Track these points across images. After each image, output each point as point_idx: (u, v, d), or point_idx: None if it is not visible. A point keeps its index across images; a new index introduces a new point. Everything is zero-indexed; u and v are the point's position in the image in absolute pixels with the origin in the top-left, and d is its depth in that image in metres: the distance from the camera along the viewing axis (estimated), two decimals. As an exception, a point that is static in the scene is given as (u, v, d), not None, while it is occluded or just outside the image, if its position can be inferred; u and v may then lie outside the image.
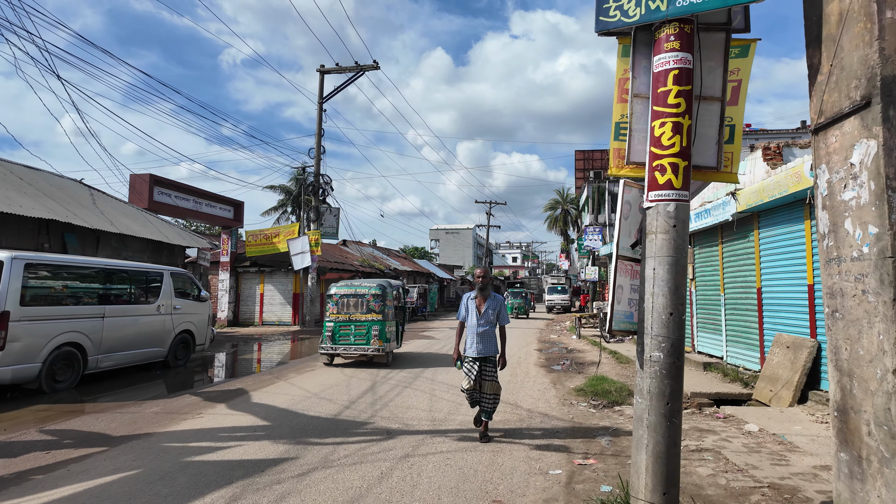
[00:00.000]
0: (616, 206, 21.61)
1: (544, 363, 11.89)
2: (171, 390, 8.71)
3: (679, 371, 3.39)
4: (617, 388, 8.23)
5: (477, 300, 5.74)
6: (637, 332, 3.57)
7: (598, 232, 29.94)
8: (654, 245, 3.44)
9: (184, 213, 20.29)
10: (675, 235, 3.39)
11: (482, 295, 5.74)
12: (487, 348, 5.61)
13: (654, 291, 3.39)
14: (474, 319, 5.66)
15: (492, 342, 5.65)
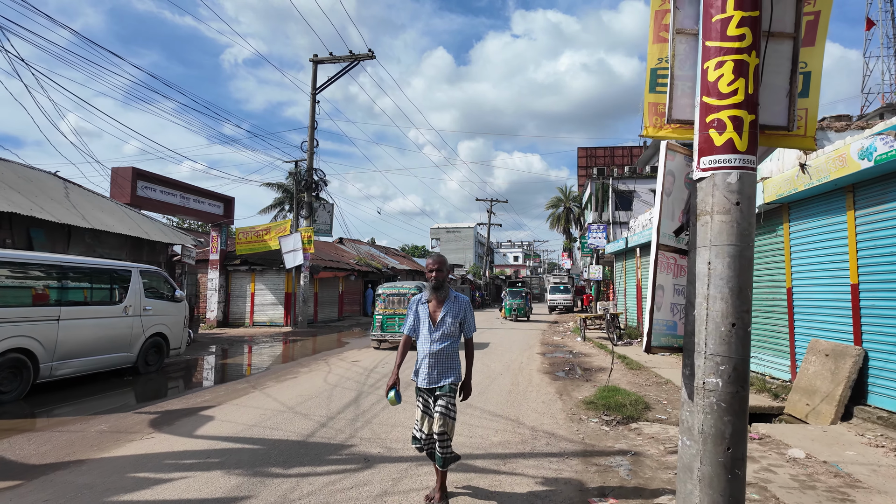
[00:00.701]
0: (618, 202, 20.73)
1: (548, 369, 10.96)
2: (136, 400, 7.80)
3: (743, 404, 2.46)
4: (632, 401, 7.29)
5: (430, 304, 3.97)
6: (683, 348, 2.64)
7: (603, 230, 28.99)
8: (708, 230, 2.50)
9: (170, 208, 19.36)
10: (739, 216, 2.46)
11: (437, 296, 3.95)
12: (446, 373, 3.85)
13: (710, 294, 2.46)
14: (426, 331, 3.90)
15: (452, 364, 3.89)
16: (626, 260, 17.70)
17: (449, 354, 3.89)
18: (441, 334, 3.87)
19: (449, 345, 3.89)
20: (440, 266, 3.94)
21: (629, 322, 17.03)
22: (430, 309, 3.96)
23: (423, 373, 3.90)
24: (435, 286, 3.93)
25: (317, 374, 9.98)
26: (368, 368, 10.56)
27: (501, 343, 15.76)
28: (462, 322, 3.97)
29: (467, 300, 4.11)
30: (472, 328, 4.10)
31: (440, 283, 3.93)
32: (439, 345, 3.86)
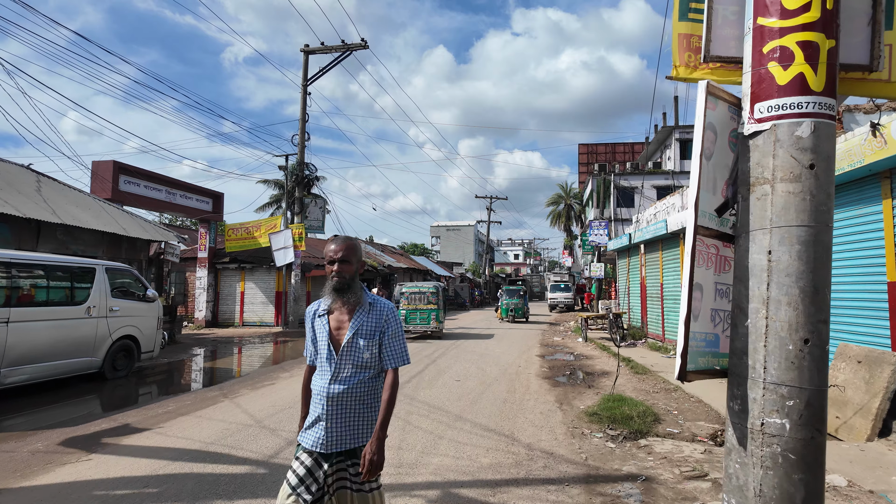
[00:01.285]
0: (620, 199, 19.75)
1: (548, 373, 10.22)
2: (94, 410, 7.07)
3: (820, 455, 1.71)
4: (640, 413, 6.54)
5: (332, 316, 2.49)
6: (729, 372, 1.90)
7: (604, 227, 28.22)
8: (768, 206, 1.76)
9: (155, 204, 18.64)
10: (814, 185, 1.72)
11: (343, 303, 2.46)
12: (347, 430, 2.37)
13: (771, 296, 1.72)
14: (325, 360, 2.45)
15: (361, 414, 2.41)
16: (629, 257, 16.96)
17: (361, 399, 2.38)
18: (348, 365, 2.38)
19: (360, 383, 2.38)
20: (347, 255, 2.40)
21: (633, 322, 16.29)
22: (332, 325, 2.45)
23: (314, 430, 2.38)
24: (338, 286, 2.40)
25: (298, 379, 9.24)
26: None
27: (499, 344, 15.01)
28: (381, 344, 2.44)
29: (392, 308, 2.55)
30: (399, 355, 2.48)
31: (346, 281, 2.41)
32: (343, 385, 2.35)
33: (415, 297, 16.35)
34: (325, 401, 2.37)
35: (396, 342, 2.48)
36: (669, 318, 13.04)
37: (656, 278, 14.00)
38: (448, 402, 7.44)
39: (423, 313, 16.12)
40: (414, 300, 16.31)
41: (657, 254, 13.89)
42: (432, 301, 16.25)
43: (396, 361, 2.47)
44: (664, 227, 12.33)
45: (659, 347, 13.25)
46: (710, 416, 6.93)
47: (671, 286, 12.92)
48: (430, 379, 9.28)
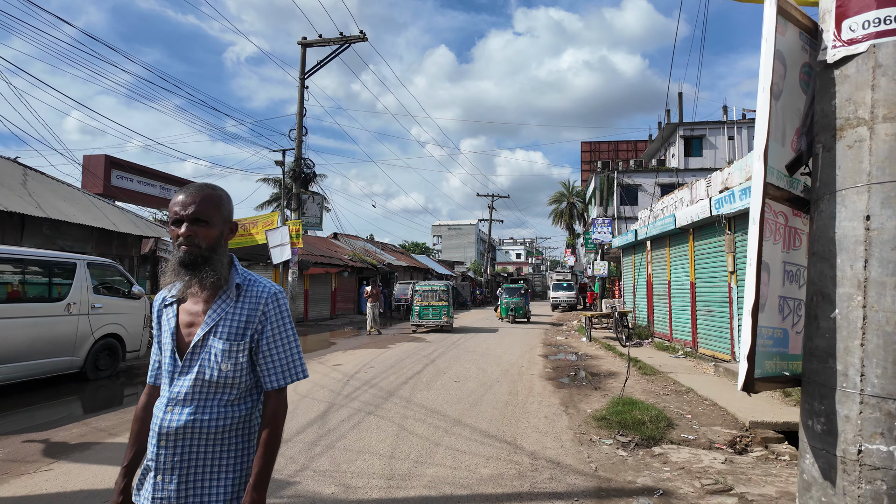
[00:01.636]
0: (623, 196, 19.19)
1: (551, 374, 9.76)
2: (71, 413, 6.64)
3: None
4: (652, 417, 6.09)
5: (185, 305, 1.64)
6: (803, 380, 1.44)
7: (608, 224, 27.77)
8: (864, 155, 1.32)
9: (149, 200, 18.25)
10: (931, 126, 1.25)
11: (200, 282, 1.56)
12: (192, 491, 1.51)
13: (871, 277, 1.32)
14: (167, 371, 1.59)
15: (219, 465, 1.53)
16: (634, 254, 16.49)
17: (218, 439, 1.54)
18: (196, 382, 1.54)
19: (216, 412, 1.54)
20: (203, 211, 1.56)
21: (639, 321, 15.82)
22: (181, 319, 1.63)
23: (149, 480, 1.55)
24: (186, 259, 1.55)
25: (289, 380, 8.80)
26: (349, 374, 9.39)
27: (500, 343, 14.56)
28: (257, 348, 1.61)
29: (276, 294, 1.66)
30: (288, 366, 1.65)
31: (199, 252, 1.55)
32: (186, 414, 1.52)
33: (428, 295, 17.84)
34: (158, 439, 1.51)
35: (283, 347, 1.62)
36: (678, 317, 12.57)
37: (664, 276, 13.54)
38: (446, 404, 6.99)
39: (435, 309, 17.68)
40: (427, 297, 17.80)
41: (664, 250, 13.43)
42: (443, 298, 17.76)
43: (283, 377, 1.60)
44: (672, 222, 11.86)
45: (667, 347, 12.78)
46: (726, 420, 6.48)
47: (679, 284, 12.45)
48: (429, 380, 8.84)
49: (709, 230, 10.63)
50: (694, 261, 11.49)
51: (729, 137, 38.83)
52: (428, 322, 17.66)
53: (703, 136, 39.42)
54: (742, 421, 6.40)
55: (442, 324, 17.64)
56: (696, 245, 11.39)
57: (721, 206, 9.40)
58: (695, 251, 11.47)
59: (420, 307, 17.76)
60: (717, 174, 10.77)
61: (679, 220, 11.55)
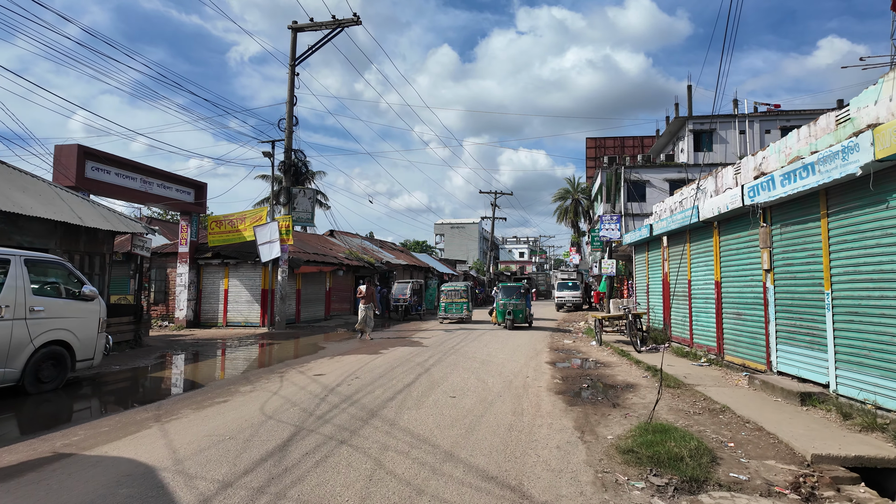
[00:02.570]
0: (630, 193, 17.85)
1: (561, 386, 8.56)
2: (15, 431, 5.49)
3: None
4: (691, 451, 4.88)
5: None
6: None
7: (616, 221, 26.51)
8: None
9: (128, 194, 17.08)
10: None
11: None
12: None
13: None
14: None
15: None
16: (648, 251, 15.26)
17: None
18: None
19: None
20: None
21: (653, 323, 14.61)
22: None
23: None
24: None
25: (258, 395, 7.63)
26: (329, 387, 8.21)
27: (503, 348, 13.36)
28: None
29: None
30: None
31: None
32: None
33: (451, 294, 22.18)
34: None
35: None
36: (699, 320, 11.35)
37: (682, 274, 12.32)
38: (437, 429, 5.81)
39: (457, 304, 21.81)
40: (451, 296, 22.10)
41: (683, 246, 12.21)
42: (464, 296, 22.05)
43: None
44: (694, 214, 10.64)
45: (686, 353, 11.57)
46: (779, 451, 5.27)
47: (701, 283, 11.23)
48: (420, 394, 7.65)
49: (739, 223, 9.41)
50: (719, 257, 10.27)
51: (740, 131, 37.53)
52: (452, 315, 21.75)
53: (713, 131, 38.12)
54: (800, 453, 5.20)
55: (462, 316, 21.79)
56: (723, 240, 10.17)
57: (756, 195, 8.18)
58: (720, 247, 10.25)
59: (446, 303, 21.94)
60: (747, 160, 9.55)
61: (702, 213, 10.32)
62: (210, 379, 9.40)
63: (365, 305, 15.56)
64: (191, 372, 10.22)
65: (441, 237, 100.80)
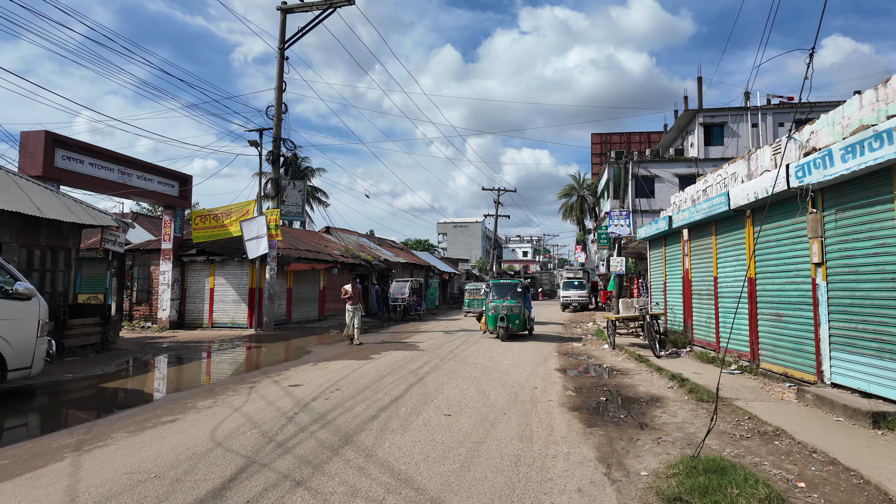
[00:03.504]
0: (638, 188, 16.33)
1: (575, 400, 7.32)
2: None
3: None
4: (761, 501, 3.64)
5: None
6: None
7: (626, 216, 25.20)
8: None
9: (104, 185, 15.90)
10: None
11: None
12: None
13: None
14: None
15: None
16: (665, 246, 13.99)
17: None
18: None
19: None
20: None
21: (671, 325, 13.35)
22: None
23: None
24: None
25: (215, 413, 6.42)
26: (302, 401, 6.99)
27: (507, 353, 12.12)
28: None
29: None
30: None
31: None
32: None
33: (473, 292, 24.59)
34: None
35: None
36: (728, 322, 10.10)
37: (707, 270, 11.06)
38: (425, 463, 4.58)
39: (478, 301, 23.56)
40: (473, 294, 24.56)
41: (708, 239, 10.95)
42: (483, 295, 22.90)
43: None
44: (723, 202, 9.38)
45: (713, 359, 10.31)
46: (871, 497, 4.02)
47: (730, 280, 9.98)
48: (409, 412, 6.43)
49: (780, 210, 8.15)
50: (753, 250, 9.01)
51: (753, 125, 36.15)
52: (475, 309, 23.53)
53: (724, 124, 36.78)
54: (877, 484, 3.97)
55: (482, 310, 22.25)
56: (757, 230, 8.91)
57: (806, 175, 6.92)
58: (755, 238, 8.99)
59: (469, 300, 24.70)
60: (786, 139, 8.27)
61: (734, 200, 9.06)
62: (169, 390, 8.18)
63: (352, 307, 13.85)
64: (150, 382, 9.01)
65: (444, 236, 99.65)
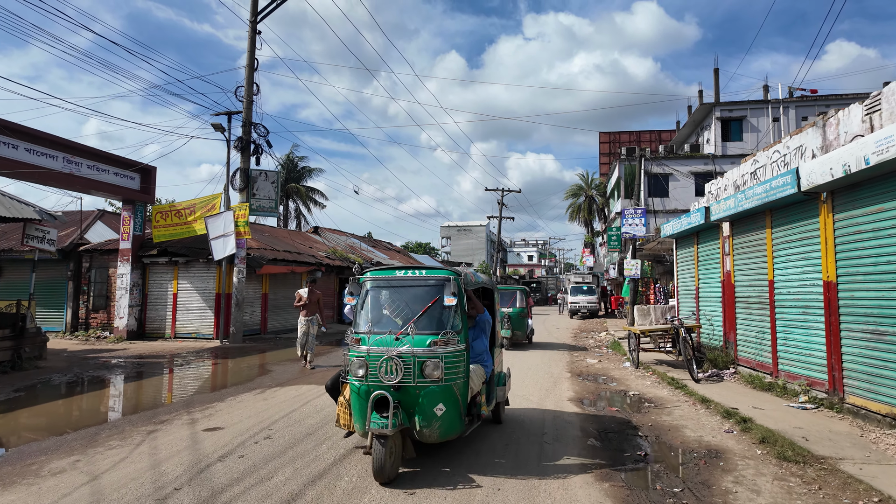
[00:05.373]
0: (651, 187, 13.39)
1: (601, 455, 5.09)
2: None
3: None
4: None
5: None
6: None
7: (641, 214, 22.98)
8: None
9: (46, 176, 13.83)
10: None
11: None
12: None
13: None
14: None
15: None
16: (698, 244, 11.73)
17: None
18: None
19: None
20: None
21: (709, 339, 11.08)
22: None
23: None
24: None
25: (54, 487, 4.25)
26: (203, 461, 4.79)
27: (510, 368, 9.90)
28: None
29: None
30: None
31: None
32: None
33: None
34: None
35: None
36: (793, 339, 7.85)
37: (759, 272, 8.83)
38: None
39: None
40: None
41: (761, 233, 8.72)
42: None
43: None
44: (789, 183, 7.16)
45: (769, 385, 8.06)
46: None
47: (795, 284, 7.76)
48: (354, 486, 4.22)
49: (877, 189, 5.94)
50: (834, 247, 6.77)
51: (773, 119, 33.88)
52: None
53: (742, 118, 34.54)
54: None
55: None
56: (839, 219, 6.69)
57: (942, 130, 4.69)
58: (835, 229, 6.76)
59: None
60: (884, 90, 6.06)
61: (807, 179, 6.82)
62: (26, 439, 5.92)
63: (305, 319, 10.61)
64: (14, 422, 6.75)
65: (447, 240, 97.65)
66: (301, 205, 41.43)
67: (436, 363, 4.40)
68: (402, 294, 4.91)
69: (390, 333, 4.54)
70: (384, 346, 4.45)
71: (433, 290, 4.81)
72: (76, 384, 9.02)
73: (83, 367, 10.64)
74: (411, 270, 5.03)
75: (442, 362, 4.42)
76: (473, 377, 4.91)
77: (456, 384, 4.54)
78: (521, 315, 14.25)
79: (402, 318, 4.71)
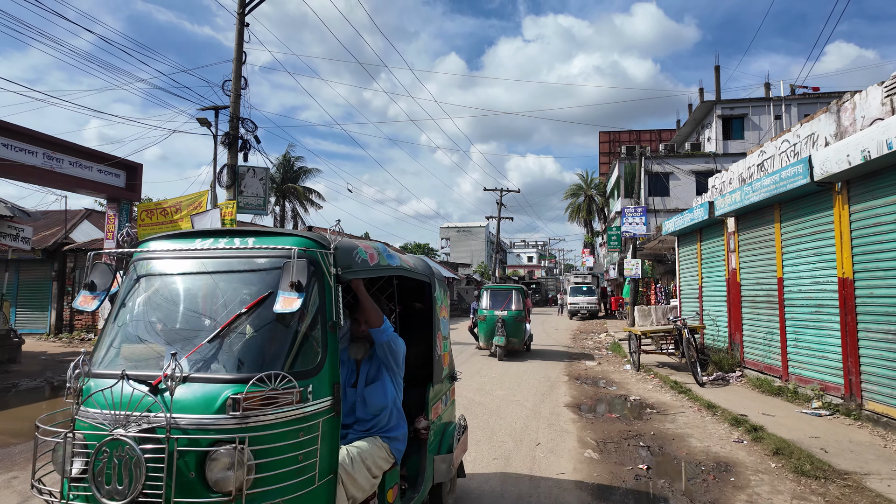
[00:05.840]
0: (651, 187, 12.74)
1: (600, 471, 4.60)
2: None
3: None
4: None
5: None
6: None
7: (642, 213, 22.49)
8: None
9: (24, 172, 13.36)
10: None
11: None
12: None
13: None
14: None
15: None
16: (701, 241, 11.24)
17: None
18: None
19: None
20: None
21: (712, 341, 10.58)
22: None
23: None
24: None
25: None
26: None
27: (502, 379, 9.39)
28: None
29: None
30: None
31: None
32: None
33: None
34: None
35: None
36: (804, 340, 7.36)
37: (767, 269, 8.34)
38: None
39: None
40: None
41: (769, 228, 8.23)
42: None
43: None
44: (801, 173, 6.67)
45: (779, 389, 7.56)
46: None
47: (807, 281, 7.26)
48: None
49: (894, 177, 5.46)
50: (850, 240, 6.28)
51: (776, 117, 33.38)
52: None
53: (744, 116, 34.05)
54: None
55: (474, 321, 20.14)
56: (855, 210, 6.20)
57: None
58: (851, 222, 6.27)
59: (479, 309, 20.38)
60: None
61: (820, 168, 6.34)
62: None
63: None
64: None
65: (447, 241, 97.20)
66: (298, 205, 41.00)
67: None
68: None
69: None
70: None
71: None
72: (41, 390, 8.53)
73: (56, 372, 10.14)
74: (222, 238, 2.43)
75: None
76: (353, 473, 2.35)
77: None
78: (517, 319, 10.62)
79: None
